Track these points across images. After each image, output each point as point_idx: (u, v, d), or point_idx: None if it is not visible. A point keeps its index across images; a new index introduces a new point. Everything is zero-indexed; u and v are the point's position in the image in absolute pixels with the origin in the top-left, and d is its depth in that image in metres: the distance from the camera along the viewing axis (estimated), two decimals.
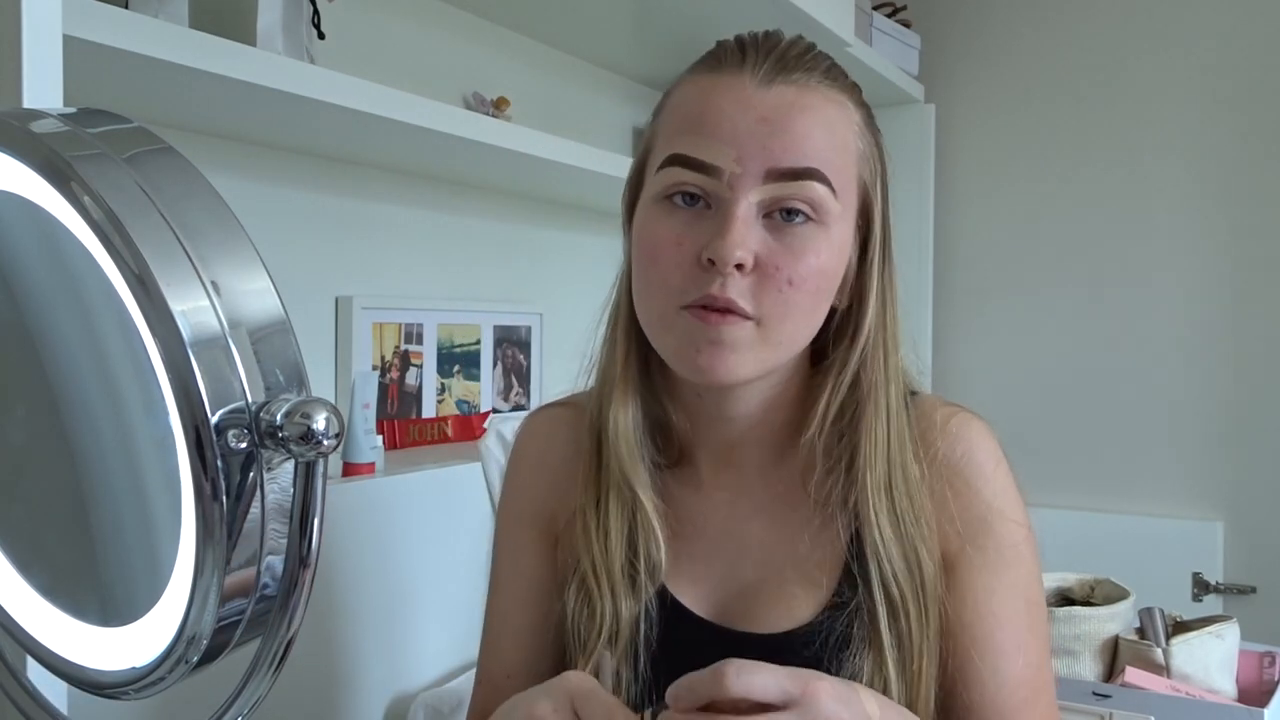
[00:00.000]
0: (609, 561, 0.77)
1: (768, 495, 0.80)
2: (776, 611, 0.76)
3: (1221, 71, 2.10)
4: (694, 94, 0.73)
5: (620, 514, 0.78)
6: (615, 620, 0.76)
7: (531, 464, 0.89)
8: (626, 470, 0.78)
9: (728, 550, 0.80)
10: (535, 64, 1.74)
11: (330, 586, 1.16)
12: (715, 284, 0.68)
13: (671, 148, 0.72)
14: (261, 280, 0.46)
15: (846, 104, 0.74)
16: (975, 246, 2.34)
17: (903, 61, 2.21)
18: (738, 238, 0.67)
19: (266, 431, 0.43)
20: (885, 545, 0.73)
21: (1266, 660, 1.32)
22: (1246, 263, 2.09)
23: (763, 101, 0.70)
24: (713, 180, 0.69)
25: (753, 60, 0.71)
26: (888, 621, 0.72)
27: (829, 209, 0.70)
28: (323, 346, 1.40)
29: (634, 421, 0.79)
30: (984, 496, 0.76)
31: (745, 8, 1.53)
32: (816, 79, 0.72)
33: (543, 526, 0.87)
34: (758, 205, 0.69)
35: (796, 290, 0.69)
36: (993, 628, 0.75)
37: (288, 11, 1.12)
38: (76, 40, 0.81)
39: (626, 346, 0.79)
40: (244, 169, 1.28)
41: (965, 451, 0.77)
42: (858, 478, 0.74)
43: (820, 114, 0.71)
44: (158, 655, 0.47)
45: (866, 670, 0.72)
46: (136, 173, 0.45)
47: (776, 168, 0.69)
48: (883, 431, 0.74)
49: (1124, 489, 2.18)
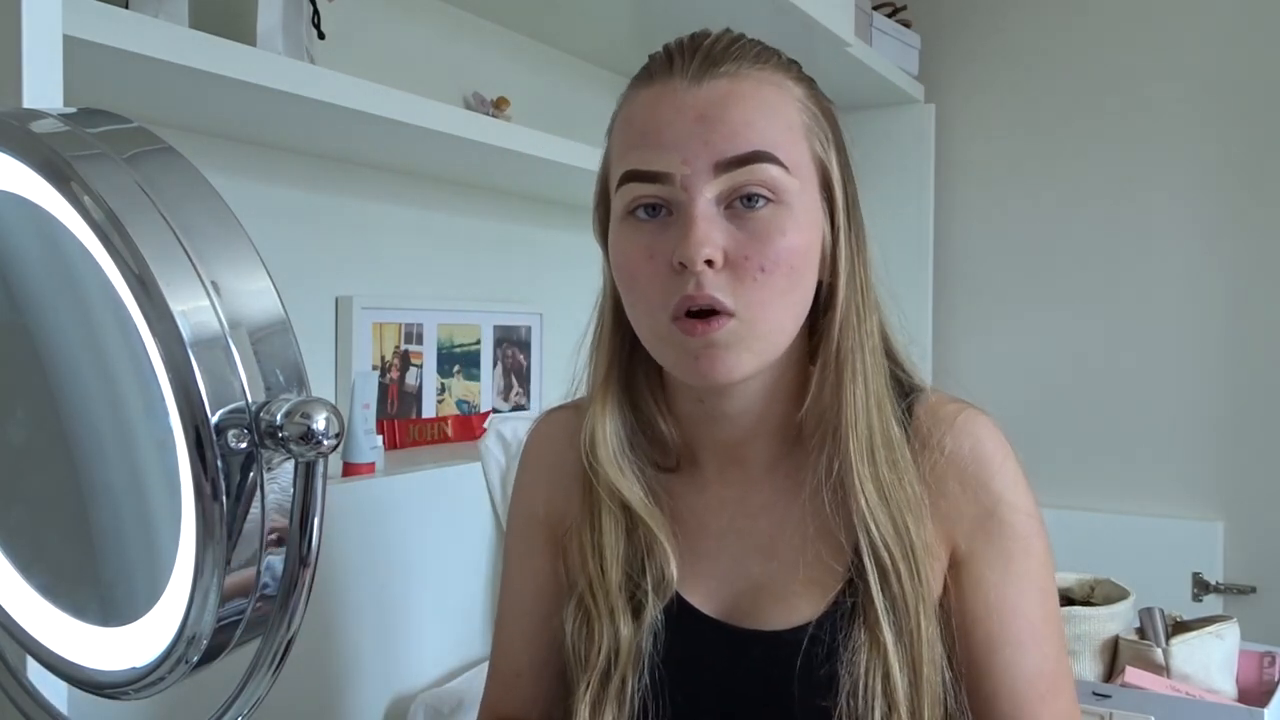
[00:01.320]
0: (606, 582, 0.78)
1: (774, 490, 0.80)
2: (784, 605, 0.76)
3: (1222, 71, 2.10)
4: (635, 108, 0.74)
5: (614, 531, 0.79)
6: (615, 639, 0.76)
7: (537, 466, 0.90)
8: (614, 484, 0.78)
9: (733, 548, 0.80)
10: (535, 64, 1.74)
11: (330, 586, 1.16)
12: (690, 284, 0.69)
13: (624, 164, 0.73)
14: (261, 280, 0.46)
15: (783, 81, 0.74)
16: (975, 246, 2.34)
17: (903, 61, 2.21)
18: (701, 236, 0.68)
19: (266, 431, 0.43)
20: (871, 509, 0.73)
21: (1266, 660, 1.32)
22: (1246, 262, 2.09)
23: (696, 99, 0.71)
24: (667, 187, 0.70)
25: (680, 63, 0.73)
26: (879, 587, 0.73)
27: (785, 186, 0.71)
28: (323, 346, 1.39)
29: (618, 435, 0.79)
30: (993, 490, 0.76)
31: (745, 8, 1.53)
32: (747, 66, 0.73)
33: (550, 527, 0.87)
34: (714, 200, 0.70)
35: (770, 275, 0.70)
36: (1008, 619, 0.75)
37: (288, 11, 1.12)
38: (76, 40, 0.81)
39: (608, 362, 0.80)
40: (244, 169, 1.28)
41: (973, 446, 0.77)
42: (841, 444, 0.74)
43: (755, 97, 0.72)
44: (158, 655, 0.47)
45: (867, 653, 0.72)
46: (136, 173, 0.45)
47: (723, 159, 0.70)
48: (861, 393, 0.75)
49: (1124, 489, 2.18)
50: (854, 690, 0.71)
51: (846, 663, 0.72)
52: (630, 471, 0.79)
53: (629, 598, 0.78)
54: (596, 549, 0.78)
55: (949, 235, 2.34)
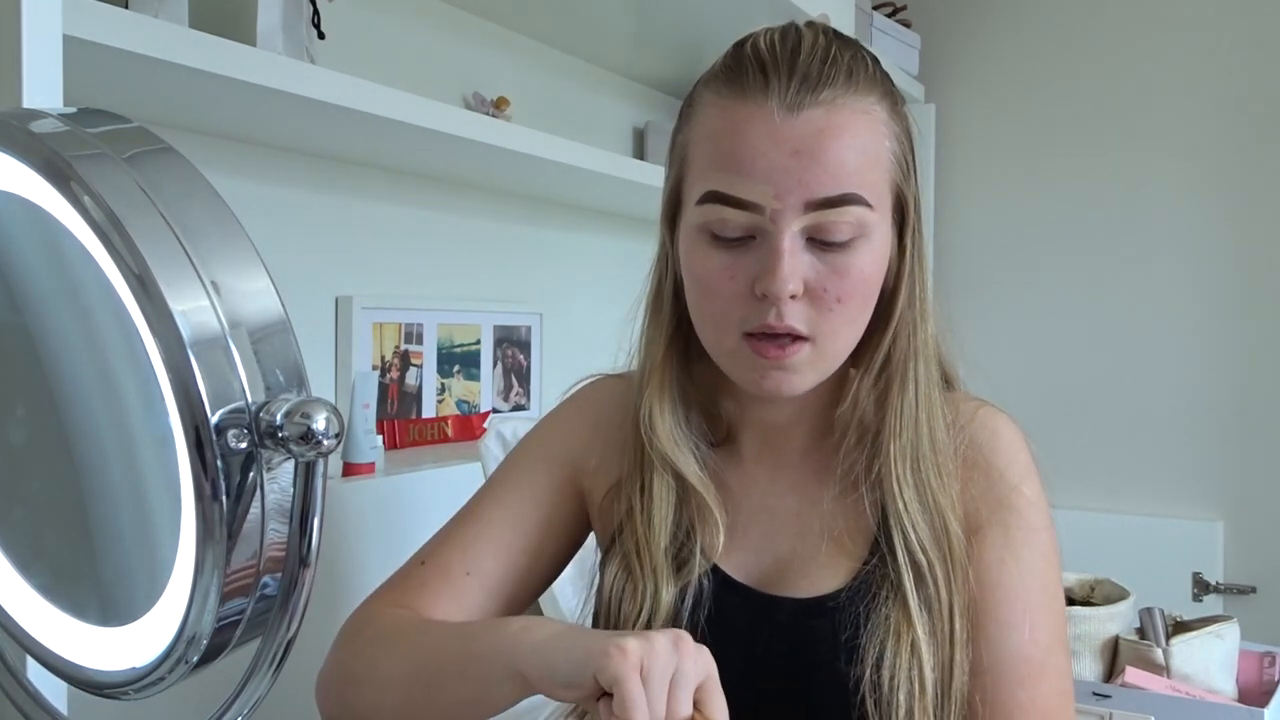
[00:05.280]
0: (652, 545, 0.79)
1: (804, 472, 0.83)
2: (809, 579, 0.78)
3: (1222, 69, 2.10)
4: (723, 124, 0.73)
5: (665, 498, 0.80)
6: (655, 601, 0.78)
7: (582, 416, 0.90)
8: (670, 457, 0.80)
9: (764, 522, 0.82)
10: (535, 64, 1.74)
11: (330, 586, 1.15)
12: (771, 314, 0.71)
13: (708, 184, 0.73)
14: (261, 280, 0.46)
15: (873, 107, 0.73)
16: (975, 246, 2.34)
17: (903, 61, 2.21)
18: (787, 272, 0.70)
19: (266, 431, 0.43)
20: (909, 514, 0.75)
21: (1266, 660, 1.32)
22: (1247, 262, 2.09)
23: (792, 132, 0.70)
24: (754, 216, 0.71)
25: (776, 85, 0.71)
26: (913, 585, 0.74)
27: (869, 223, 0.72)
28: (323, 346, 1.39)
29: (675, 410, 0.81)
30: (1008, 478, 0.79)
31: (745, 8, 1.53)
32: (841, 91, 0.71)
33: (575, 472, 0.87)
34: (800, 232, 0.71)
35: (845, 305, 0.72)
36: (1000, 599, 0.77)
37: (288, 11, 1.12)
38: (76, 40, 0.81)
39: (667, 341, 0.82)
40: (244, 169, 1.28)
41: (990, 437, 0.80)
42: (883, 448, 0.77)
43: (850, 132, 0.71)
44: (158, 655, 0.47)
45: (894, 632, 0.73)
46: (136, 173, 0.45)
47: (815, 199, 0.70)
48: (910, 402, 0.77)
49: (1124, 489, 2.18)
50: (879, 664, 0.73)
51: (870, 634, 0.74)
52: (686, 445, 0.81)
53: (672, 560, 0.80)
54: (646, 512, 0.80)
55: (949, 234, 2.34)
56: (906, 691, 0.72)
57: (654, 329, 0.83)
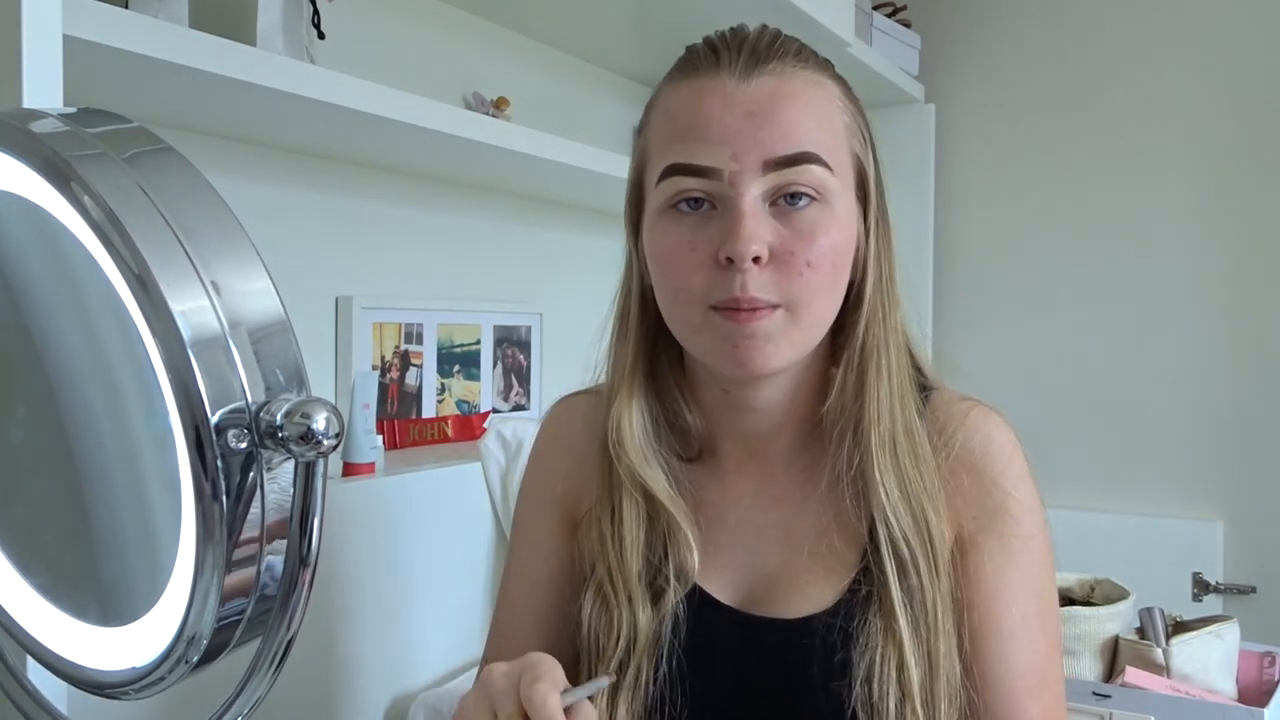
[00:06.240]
0: (625, 570, 0.78)
1: (791, 482, 0.81)
2: (800, 594, 0.77)
3: (1222, 70, 2.10)
4: (678, 101, 0.74)
5: (636, 519, 0.79)
6: (633, 628, 0.77)
7: (554, 448, 0.90)
8: (639, 473, 0.78)
9: (750, 538, 0.80)
10: (535, 64, 1.74)
11: (330, 586, 1.16)
12: (737, 283, 0.70)
13: (667, 158, 0.73)
14: (261, 280, 0.46)
15: (824, 81, 0.75)
16: (975, 246, 2.34)
17: (903, 61, 2.21)
18: (749, 232, 0.69)
19: (266, 431, 0.43)
20: (891, 501, 0.74)
21: (1266, 660, 1.32)
22: (1247, 262, 2.08)
23: (746, 95, 0.71)
24: (714, 182, 0.71)
25: (727, 58, 0.73)
26: (899, 582, 0.73)
27: (830, 187, 0.72)
28: (323, 346, 1.39)
29: (643, 425, 0.80)
30: (1002, 485, 0.78)
31: (744, 7, 1.53)
32: (791, 64, 0.73)
33: (565, 509, 0.87)
34: (761, 196, 0.71)
35: (815, 271, 0.71)
36: (1001, 610, 0.76)
37: (288, 11, 1.12)
38: (76, 40, 0.81)
39: (635, 352, 0.80)
40: (244, 169, 1.28)
41: (983, 441, 0.78)
42: (864, 438, 0.75)
43: (803, 98, 0.72)
44: (158, 655, 0.47)
45: (883, 642, 0.73)
46: (136, 173, 0.45)
47: (772, 157, 0.70)
48: (885, 389, 0.76)
49: (1124, 489, 2.17)
50: (868, 677, 0.72)
51: (861, 649, 0.73)
52: (655, 461, 0.79)
53: (648, 586, 0.78)
54: (616, 536, 0.79)
55: (949, 235, 2.34)
56: (896, 699, 0.72)
57: (621, 343, 0.82)
